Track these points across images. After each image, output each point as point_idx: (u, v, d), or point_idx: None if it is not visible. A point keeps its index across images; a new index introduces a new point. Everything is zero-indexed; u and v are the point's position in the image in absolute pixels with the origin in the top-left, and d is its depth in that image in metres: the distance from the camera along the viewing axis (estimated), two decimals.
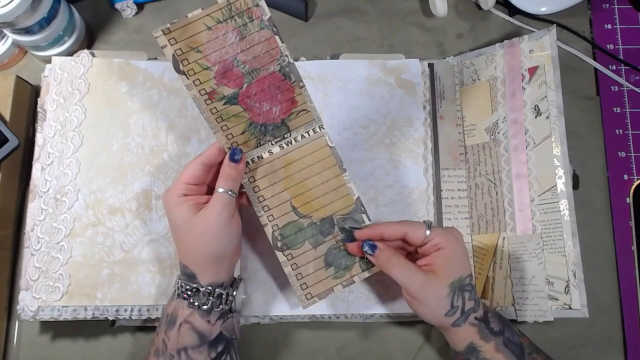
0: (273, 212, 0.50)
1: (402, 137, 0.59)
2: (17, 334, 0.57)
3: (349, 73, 0.60)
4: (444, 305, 0.48)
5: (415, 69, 0.61)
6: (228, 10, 0.44)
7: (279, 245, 0.50)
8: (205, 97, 0.46)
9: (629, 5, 0.68)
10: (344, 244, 0.50)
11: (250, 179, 0.50)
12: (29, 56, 0.64)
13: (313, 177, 0.50)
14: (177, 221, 0.47)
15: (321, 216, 0.50)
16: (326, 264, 0.50)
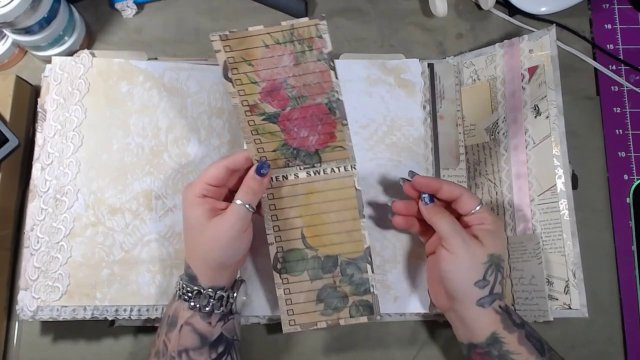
0: (282, 234, 0.50)
1: (402, 137, 0.59)
2: (17, 334, 0.57)
3: (348, 73, 0.60)
4: (478, 272, 0.46)
5: (415, 69, 0.61)
6: (290, 34, 0.44)
7: (278, 267, 0.50)
8: (246, 109, 0.46)
9: (629, 5, 0.68)
10: (340, 286, 0.50)
11: (270, 195, 0.50)
12: (29, 56, 0.64)
13: (331, 213, 0.50)
14: (191, 221, 0.47)
15: (327, 253, 0.50)
16: (317, 299, 0.50)
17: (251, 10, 0.67)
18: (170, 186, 0.56)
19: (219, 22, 0.66)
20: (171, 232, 0.55)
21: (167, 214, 0.56)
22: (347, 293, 0.50)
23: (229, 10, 0.67)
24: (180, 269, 0.54)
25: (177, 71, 0.59)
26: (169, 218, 0.56)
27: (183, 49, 0.65)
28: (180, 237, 0.55)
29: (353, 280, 0.50)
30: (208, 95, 0.59)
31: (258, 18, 0.66)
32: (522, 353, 0.46)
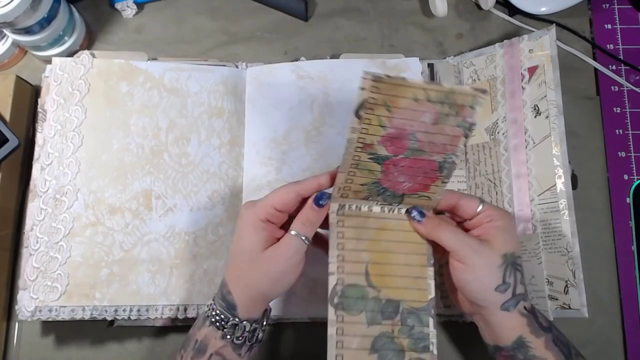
0: (345, 265, 0.46)
1: None
2: (17, 334, 0.57)
3: (348, 72, 0.60)
4: (496, 277, 0.44)
5: (415, 68, 0.61)
6: (445, 96, 0.41)
7: (334, 301, 0.45)
8: (359, 145, 0.43)
9: (629, 5, 0.68)
10: (398, 337, 0.45)
11: (340, 222, 0.46)
12: (29, 56, 0.64)
13: (399, 254, 0.46)
14: (246, 245, 0.44)
15: (389, 296, 0.46)
16: (372, 348, 0.44)
17: (251, 10, 0.67)
18: (170, 186, 0.56)
19: (219, 22, 0.66)
20: (171, 232, 0.55)
21: (167, 213, 0.56)
22: (404, 347, 0.45)
23: (229, 10, 0.67)
24: (180, 269, 0.54)
25: (177, 71, 0.59)
26: (169, 218, 0.56)
27: (183, 49, 0.65)
28: (180, 237, 0.55)
29: (412, 333, 0.45)
30: (208, 96, 0.59)
31: (258, 18, 0.66)
32: (548, 358, 0.44)
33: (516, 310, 0.44)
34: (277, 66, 0.61)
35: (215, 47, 0.65)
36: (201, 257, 0.55)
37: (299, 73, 0.60)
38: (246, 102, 0.60)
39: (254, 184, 0.58)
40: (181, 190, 0.56)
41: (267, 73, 0.61)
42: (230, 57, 0.64)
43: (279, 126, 0.59)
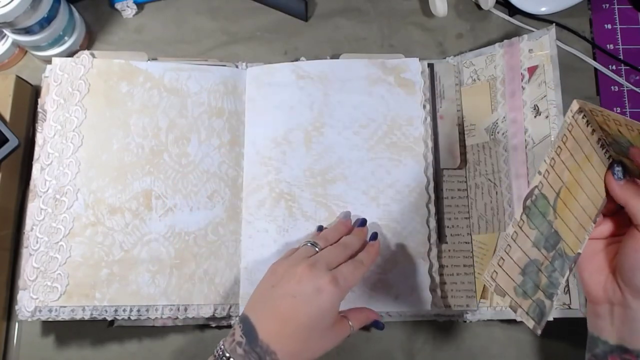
0: (550, 174, 0.42)
1: (403, 137, 0.59)
2: (17, 334, 0.57)
3: (348, 72, 0.60)
4: None
5: (414, 68, 0.61)
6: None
7: (526, 203, 0.41)
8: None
9: (629, 5, 0.68)
10: (542, 272, 0.43)
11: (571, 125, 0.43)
12: (29, 56, 0.64)
13: (583, 194, 0.44)
14: (324, 323, 0.45)
15: (558, 229, 0.43)
16: (522, 270, 0.42)
17: (251, 10, 0.67)
18: (170, 186, 0.56)
19: (219, 22, 0.66)
20: (171, 232, 0.55)
21: (167, 213, 0.56)
22: (540, 284, 0.43)
23: (229, 10, 0.67)
24: (180, 269, 0.54)
25: (177, 71, 0.59)
26: (169, 218, 0.56)
27: (183, 49, 0.65)
28: (180, 237, 0.55)
29: (552, 276, 0.43)
30: (208, 96, 0.59)
31: (258, 18, 0.66)
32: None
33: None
34: (277, 66, 0.61)
35: (215, 47, 0.65)
36: (201, 257, 0.55)
37: (299, 73, 0.60)
38: (246, 102, 0.60)
39: (254, 184, 0.58)
40: (181, 190, 0.56)
41: (267, 73, 0.61)
42: (230, 57, 0.64)
43: (279, 126, 0.59)
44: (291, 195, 0.57)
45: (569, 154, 0.43)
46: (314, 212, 0.57)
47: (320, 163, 0.58)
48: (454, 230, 0.58)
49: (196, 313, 0.54)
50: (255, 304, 0.46)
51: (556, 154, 0.42)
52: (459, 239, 0.58)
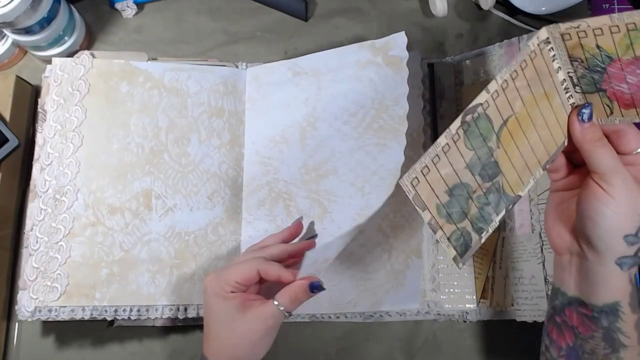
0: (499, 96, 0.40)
1: (389, 119, 0.56)
2: (17, 334, 0.57)
3: (340, 60, 0.59)
4: (632, 224, 0.39)
5: (402, 42, 0.57)
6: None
7: (467, 118, 0.39)
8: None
9: (629, 5, 0.68)
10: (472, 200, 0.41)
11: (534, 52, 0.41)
12: (29, 56, 0.64)
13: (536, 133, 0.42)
14: (221, 317, 0.44)
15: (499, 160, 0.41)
16: (450, 190, 0.40)
17: (251, 10, 0.67)
18: (170, 186, 0.56)
19: (219, 22, 0.66)
20: (171, 232, 0.55)
21: (167, 213, 0.56)
22: (469, 213, 0.41)
23: (229, 10, 0.67)
24: (180, 269, 0.54)
25: (177, 72, 0.59)
26: (169, 218, 0.56)
27: (183, 49, 0.65)
28: (180, 237, 0.55)
29: (484, 208, 0.41)
30: (208, 96, 0.59)
31: (258, 18, 0.66)
32: (632, 339, 0.39)
33: (627, 274, 0.40)
34: (275, 65, 0.61)
35: (215, 47, 0.65)
36: (201, 257, 0.55)
37: (295, 70, 0.60)
38: (246, 102, 0.60)
39: (254, 184, 0.58)
40: (181, 190, 0.56)
41: (265, 72, 0.61)
42: (230, 57, 0.64)
43: (277, 125, 0.59)
44: (288, 194, 0.57)
45: (526, 83, 0.41)
46: (308, 209, 0.57)
47: (314, 158, 0.58)
48: None
49: (196, 313, 0.54)
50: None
51: (511, 77, 0.40)
52: None
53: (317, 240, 0.55)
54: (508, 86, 0.40)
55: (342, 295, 0.55)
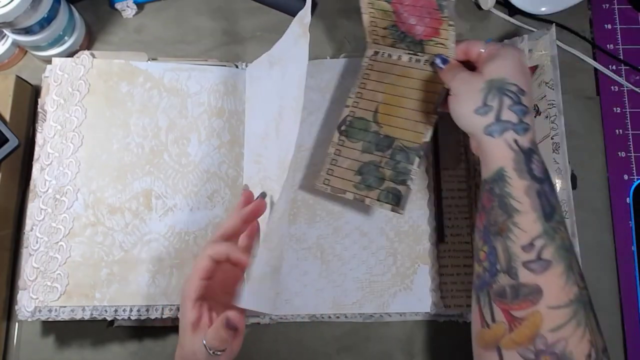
0: (360, 102, 0.54)
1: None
2: (17, 334, 0.57)
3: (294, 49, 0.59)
4: (476, 99, 0.45)
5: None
6: None
7: (341, 128, 0.54)
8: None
9: (629, 5, 0.68)
10: (383, 167, 0.52)
11: (370, 66, 0.55)
12: (29, 56, 0.64)
13: (410, 99, 0.53)
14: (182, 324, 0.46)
15: (388, 133, 0.53)
16: (358, 171, 0.52)
17: (251, 10, 0.67)
18: (170, 186, 0.56)
19: (219, 22, 0.66)
20: (171, 232, 0.55)
21: (167, 213, 0.56)
22: (385, 176, 0.52)
23: (229, 10, 0.67)
24: (180, 269, 0.54)
25: (177, 72, 0.59)
26: (169, 218, 0.56)
27: (183, 49, 0.65)
28: (180, 237, 0.55)
29: (397, 167, 0.52)
30: (208, 96, 0.59)
31: (258, 18, 0.66)
32: (524, 204, 0.42)
33: (502, 139, 0.43)
34: (260, 59, 0.60)
35: (215, 47, 0.65)
36: None
37: (270, 60, 0.58)
38: (246, 102, 0.60)
39: (252, 183, 0.58)
40: (181, 190, 0.56)
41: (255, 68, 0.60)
42: (230, 57, 0.64)
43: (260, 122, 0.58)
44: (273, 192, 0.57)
45: (376, 82, 0.55)
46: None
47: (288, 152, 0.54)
48: (454, 230, 0.58)
49: None
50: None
51: (360, 89, 0.55)
52: (459, 239, 0.58)
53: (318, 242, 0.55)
54: (363, 94, 0.54)
55: (346, 296, 0.55)
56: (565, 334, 0.39)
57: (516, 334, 0.40)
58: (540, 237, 0.41)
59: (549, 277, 0.40)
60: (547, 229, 0.41)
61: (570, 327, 0.39)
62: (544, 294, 0.40)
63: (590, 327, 0.40)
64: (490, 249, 0.43)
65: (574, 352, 0.39)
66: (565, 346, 0.39)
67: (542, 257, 0.41)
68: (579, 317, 0.40)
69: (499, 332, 0.41)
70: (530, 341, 0.40)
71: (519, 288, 0.41)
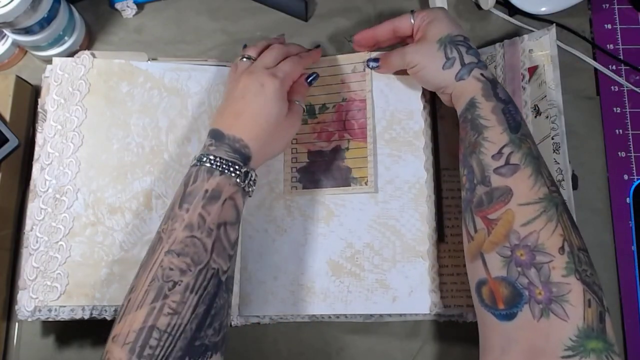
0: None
1: (402, 131, 0.58)
2: (17, 334, 0.57)
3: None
4: (439, 58, 0.50)
5: None
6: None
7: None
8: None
9: (629, 5, 0.68)
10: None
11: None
12: (29, 56, 0.64)
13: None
14: (274, 113, 0.49)
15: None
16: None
17: (251, 10, 0.67)
18: (170, 186, 0.56)
19: (219, 22, 0.66)
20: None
21: None
22: None
23: (229, 10, 0.67)
24: None
25: (178, 72, 0.59)
26: None
27: (183, 49, 0.65)
28: None
29: None
30: (208, 96, 0.59)
31: (258, 18, 0.66)
32: (491, 120, 0.47)
33: (471, 77, 0.49)
34: None
35: (215, 47, 0.65)
36: None
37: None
38: None
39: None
40: None
41: None
42: (230, 57, 0.64)
43: None
44: (290, 195, 0.57)
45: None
46: (312, 210, 0.57)
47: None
48: (454, 230, 0.58)
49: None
50: (216, 118, 0.50)
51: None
52: (459, 239, 0.57)
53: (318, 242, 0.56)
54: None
55: (346, 296, 0.55)
56: (536, 227, 0.42)
57: (493, 235, 0.43)
58: (508, 145, 0.46)
59: (517, 178, 0.44)
60: (513, 139, 0.46)
61: (541, 220, 0.42)
62: (514, 193, 0.44)
63: (564, 224, 0.42)
64: (469, 169, 0.47)
65: (545, 244, 0.41)
66: (537, 238, 0.41)
67: (510, 162, 0.45)
68: (550, 213, 0.42)
69: (480, 239, 0.44)
70: (505, 238, 0.43)
71: (492, 192, 0.45)
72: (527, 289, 0.40)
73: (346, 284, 0.55)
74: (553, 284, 0.40)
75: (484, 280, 0.43)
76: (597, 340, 0.38)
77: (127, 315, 0.41)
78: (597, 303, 0.39)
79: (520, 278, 0.41)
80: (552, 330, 0.39)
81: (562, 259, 0.40)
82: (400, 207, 0.56)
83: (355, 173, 0.57)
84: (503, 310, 0.41)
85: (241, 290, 0.56)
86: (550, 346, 0.38)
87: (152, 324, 0.40)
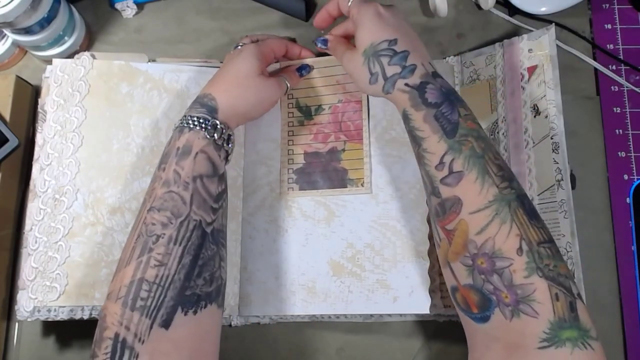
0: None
1: (402, 132, 0.57)
2: (17, 334, 0.57)
3: None
4: (364, 74, 0.49)
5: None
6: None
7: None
8: None
9: (629, 5, 0.68)
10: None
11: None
12: (29, 56, 0.64)
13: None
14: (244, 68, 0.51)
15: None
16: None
17: (251, 10, 0.67)
18: None
19: (219, 22, 0.66)
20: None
21: None
22: None
23: (229, 10, 0.67)
24: None
25: (178, 73, 0.59)
26: None
27: (183, 49, 0.65)
28: None
29: None
30: None
31: (258, 18, 0.66)
32: (426, 131, 0.46)
33: (396, 90, 0.48)
34: None
35: (215, 47, 0.65)
36: None
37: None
38: None
39: (254, 184, 0.58)
40: None
41: None
42: None
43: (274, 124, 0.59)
44: (291, 195, 0.57)
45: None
46: (313, 210, 0.57)
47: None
48: None
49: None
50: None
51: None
52: None
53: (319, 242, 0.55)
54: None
55: (346, 297, 0.55)
56: (490, 233, 0.41)
57: (454, 246, 0.43)
58: (447, 153, 0.44)
59: (463, 186, 0.43)
60: (452, 145, 0.44)
61: (494, 225, 0.41)
62: (464, 202, 0.43)
63: (519, 222, 0.41)
64: (422, 180, 0.48)
65: (502, 248, 0.40)
66: (494, 245, 0.41)
67: (453, 170, 0.44)
68: (503, 214, 0.41)
69: (445, 248, 0.44)
70: (464, 248, 0.42)
71: (444, 204, 0.44)
72: (494, 294, 0.40)
73: (347, 284, 0.55)
74: (517, 286, 0.40)
75: (455, 287, 0.44)
76: (571, 329, 0.39)
77: (118, 273, 0.43)
78: (565, 294, 0.39)
79: (486, 285, 0.41)
80: (525, 328, 0.39)
81: (521, 260, 0.40)
82: (401, 207, 0.57)
83: (352, 174, 0.57)
84: (477, 314, 0.42)
85: (241, 290, 0.56)
86: (527, 341, 0.39)
87: (140, 276, 0.42)
